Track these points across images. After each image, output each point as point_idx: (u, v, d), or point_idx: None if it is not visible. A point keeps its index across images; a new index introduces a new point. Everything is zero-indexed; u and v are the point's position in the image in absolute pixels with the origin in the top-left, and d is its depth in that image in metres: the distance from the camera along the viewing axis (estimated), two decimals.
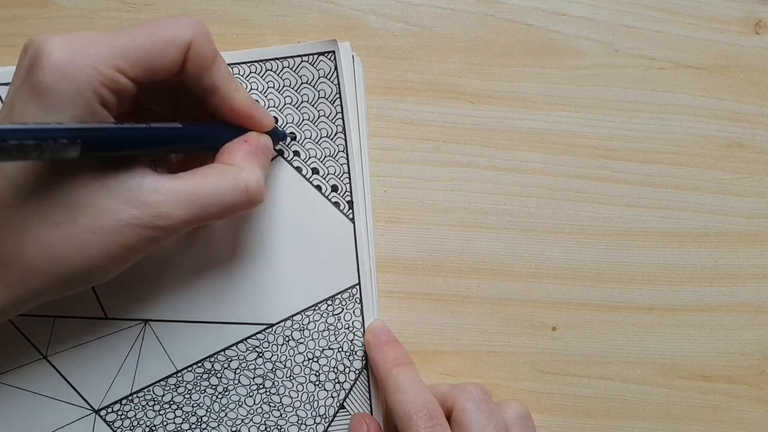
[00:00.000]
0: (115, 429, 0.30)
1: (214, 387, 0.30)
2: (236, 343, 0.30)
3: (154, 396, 0.30)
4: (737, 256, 0.32)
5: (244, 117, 0.26)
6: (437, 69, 0.31)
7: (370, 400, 0.30)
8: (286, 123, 0.30)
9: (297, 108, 0.30)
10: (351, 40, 0.31)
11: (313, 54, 0.30)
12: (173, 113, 0.28)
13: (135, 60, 0.22)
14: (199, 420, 0.30)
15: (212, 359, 0.30)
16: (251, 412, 0.30)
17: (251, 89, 0.30)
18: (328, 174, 0.30)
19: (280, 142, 0.30)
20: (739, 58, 0.32)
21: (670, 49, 0.32)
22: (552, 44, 0.32)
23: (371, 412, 0.30)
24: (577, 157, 0.32)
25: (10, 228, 0.22)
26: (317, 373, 0.30)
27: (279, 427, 0.30)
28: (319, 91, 0.30)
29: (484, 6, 0.32)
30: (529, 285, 0.31)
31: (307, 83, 0.30)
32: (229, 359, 0.30)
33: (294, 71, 0.30)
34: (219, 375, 0.30)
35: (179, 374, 0.30)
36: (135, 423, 0.30)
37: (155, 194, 0.23)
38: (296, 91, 0.30)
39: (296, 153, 0.30)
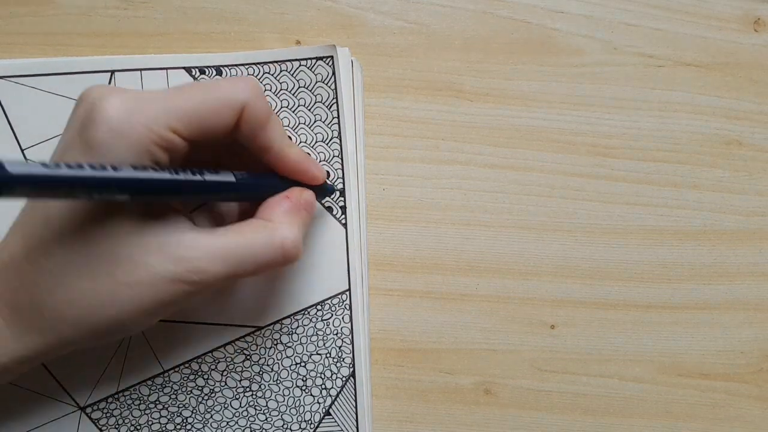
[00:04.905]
0: (100, 427, 0.30)
1: (200, 388, 0.30)
2: (224, 345, 0.30)
3: (140, 395, 0.30)
4: (736, 254, 0.32)
5: (297, 172, 0.26)
6: (436, 67, 0.31)
7: (356, 407, 0.30)
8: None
9: (293, 111, 0.30)
10: (349, 38, 0.31)
11: (311, 58, 0.30)
12: (220, 159, 0.28)
13: (189, 120, 0.22)
14: (185, 421, 0.30)
15: (199, 360, 0.30)
16: (237, 414, 0.30)
17: None
18: None
19: (328, 198, 0.30)
20: (738, 56, 0.32)
21: (669, 47, 0.32)
22: (551, 42, 0.32)
23: (356, 420, 0.30)
24: (576, 155, 0.32)
25: (49, 274, 0.22)
26: (304, 378, 0.30)
27: (264, 431, 0.30)
28: (316, 96, 0.30)
29: (483, 4, 0.31)
30: (528, 283, 0.31)
31: (304, 87, 0.30)
32: (217, 361, 0.30)
33: (292, 75, 0.30)
34: (206, 376, 0.30)
35: (166, 374, 0.30)
36: (120, 421, 0.30)
37: (192, 250, 0.23)
38: (293, 94, 0.30)
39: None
